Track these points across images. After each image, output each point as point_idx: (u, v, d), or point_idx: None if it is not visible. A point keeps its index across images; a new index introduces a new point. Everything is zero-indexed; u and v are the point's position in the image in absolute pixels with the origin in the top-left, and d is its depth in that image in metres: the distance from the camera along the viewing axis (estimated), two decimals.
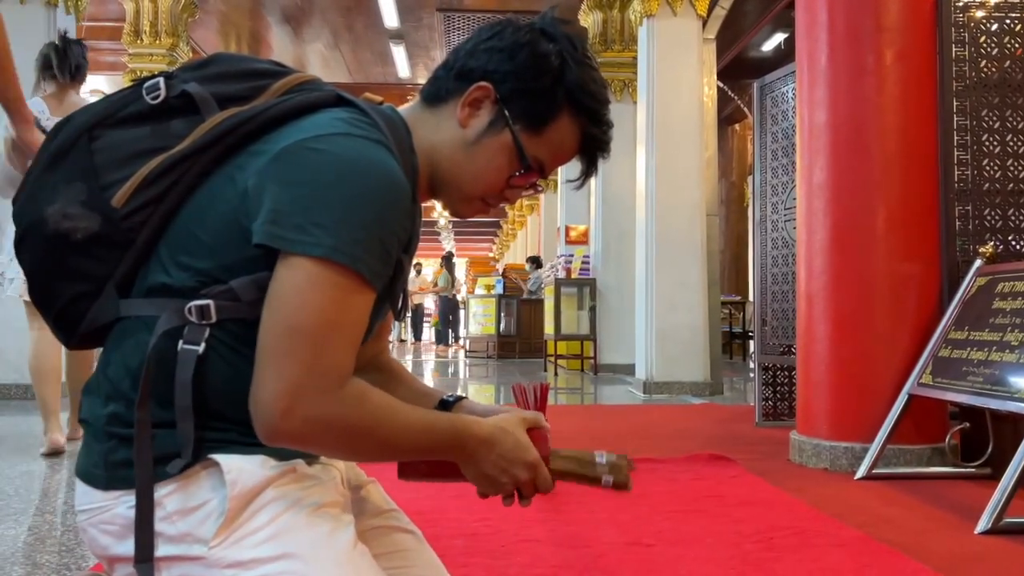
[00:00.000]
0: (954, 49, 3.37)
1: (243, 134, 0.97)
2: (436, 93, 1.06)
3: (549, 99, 1.02)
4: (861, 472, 3.10)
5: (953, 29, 3.37)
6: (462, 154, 1.04)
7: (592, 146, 1.07)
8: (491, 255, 30.57)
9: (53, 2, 6.45)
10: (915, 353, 3.21)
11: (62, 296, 0.99)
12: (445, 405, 1.15)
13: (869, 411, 3.23)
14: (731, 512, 2.57)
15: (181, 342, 0.92)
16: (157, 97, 0.98)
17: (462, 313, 15.66)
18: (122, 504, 0.92)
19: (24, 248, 0.98)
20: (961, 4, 3.39)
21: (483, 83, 1.02)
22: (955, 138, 3.36)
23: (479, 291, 13.51)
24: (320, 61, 11.18)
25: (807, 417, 3.48)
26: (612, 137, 1.09)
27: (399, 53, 10.80)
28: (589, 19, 8.85)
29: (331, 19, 9.79)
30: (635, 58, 7.62)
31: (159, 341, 0.92)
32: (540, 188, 1.11)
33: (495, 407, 1.13)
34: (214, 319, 0.92)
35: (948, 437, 3.14)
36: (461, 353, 13.71)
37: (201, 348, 0.92)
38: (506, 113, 1.02)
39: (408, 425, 0.94)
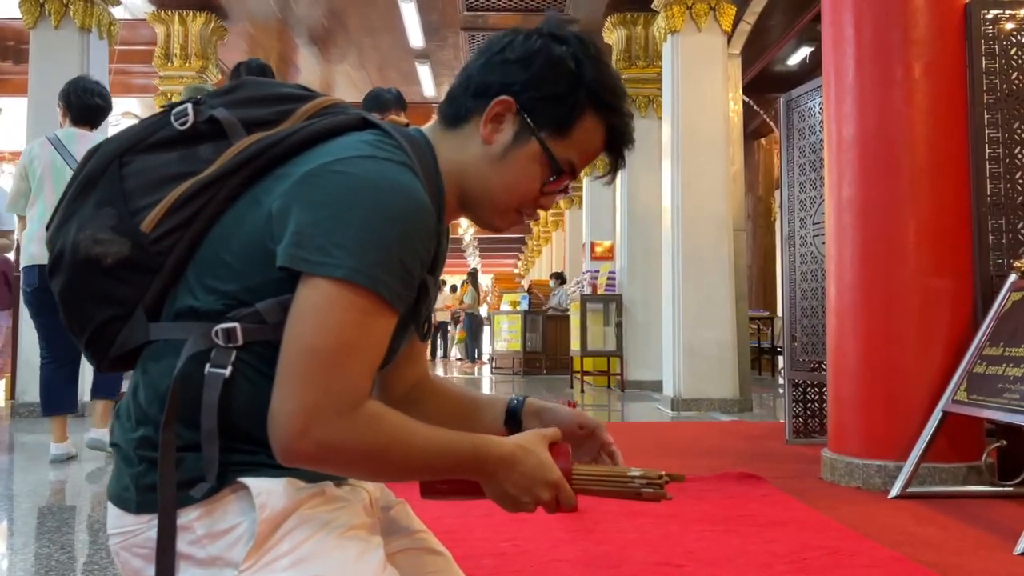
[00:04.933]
0: (984, 61, 3.33)
1: (270, 158, 0.97)
2: (456, 114, 1.05)
3: (571, 101, 1.02)
4: (895, 491, 3.04)
5: (983, 41, 3.33)
6: (491, 170, 1.04)
7: (617, 139, 1.07)
8: (516, 271, 30.61)
9: (86, 27, 6.59)
10: (948, 369, 3.16)
11: (93, 320, 1.00)
12: (513, 411, 1.16)
13: (902, 428, 3.17)
14: (763, 532, 2.53)
15: (208, 365, 0.92)
16: (185, 123, 0.99)
17: (486, 330, 15.69)
18: (153, 528, 0.92)
19: (56, 273, 0.99)
20: (991, 16, 3.35)
21: (503, 97, 1.02)
22: (987, 151, 3.32)
23: (504, 307, 13.50)
24: (346, 81, 11.29)
25: (839, 434, 3.42)
26: (634, 128, 1.09)
27: (424, 72, 10.89)
28: (613, 36, 8.87)
29: (357, 40, 9.89)
30: (659, 74, 7.62)
31: (186, 365, 0.92)
32: (568, 192, 1.12)
33: (557, 407, 1.15)
34: (240, 342, 0.92)
35: (984, 455, 3.08)
36: (486, 370, 13.71)
37: (228, 371, 0.92)
38: (530, 122, 1.02)
39: (425, 446, 0.93)
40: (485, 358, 15.45)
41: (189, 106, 1.00)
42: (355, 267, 0.87)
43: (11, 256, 6.08)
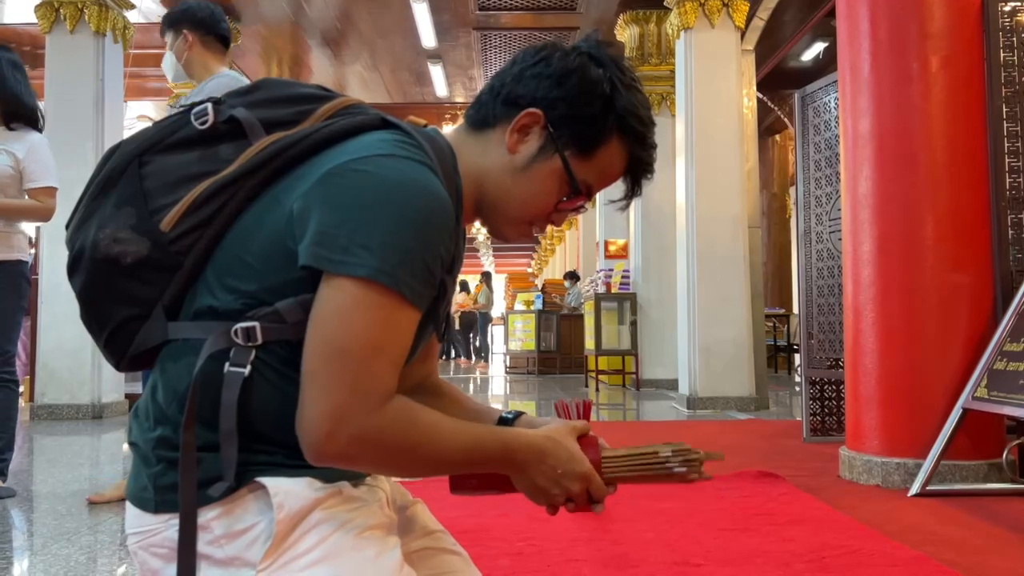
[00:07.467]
0: (1002, 54, 3.30)
1: (289, 158, 0.97)
2: (483, 118, 1.06)
3: (600, 124, 1.02)
4: (915, 489, 3.02)
5: (1000, 34, 3.30)
6: (511, 179, 1.04)
7: (638, 168, 1.08)
8: (530, 271, 30.60)
9: (101, 32, 6.64)
10: (968, 366, 3.13)
11: (113, 319, 1.00)
12: (504, 423, 1.14)
13: (921, 426, 3.15)
14: (781, 531, 2.52)
15: (227, 364, 0.92)
16: (205, 123, 0.99)
17: (494, 329, 15.69)
18: (171, 528, 0.93)
19: (76, 272, 1.00)
20: (1008, 9, 3.32)
21: (532, 109, 1.02)
22: (1005, 144, 3.29)
23: (519, 307, 13.49)
24: (359, 82, 11.31)
25: (857, 432, 3.40)
26: (656, 158, 1.09)
27: (437, 72, 10.90)
28: (626, 33, 8.84)
29: (370, 41, 9.91)
30: (672, 71, 7.59)
31: (205, 364, 0.92)
32: (584, 209, 1.11)
33: (555, 421, 1.12)
34: (260, 341, 0.92)
35: (1005, 452, 3.05)
36: (498, 370, 13.70)
37: (247, 370, 0.92)
38: (556, 139, 1.02)
39: (455, 440, 0.94)
40: (494, 358, 15.45)
41: (209, 106, 1.00)
42: (378, 267, 0.87)
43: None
